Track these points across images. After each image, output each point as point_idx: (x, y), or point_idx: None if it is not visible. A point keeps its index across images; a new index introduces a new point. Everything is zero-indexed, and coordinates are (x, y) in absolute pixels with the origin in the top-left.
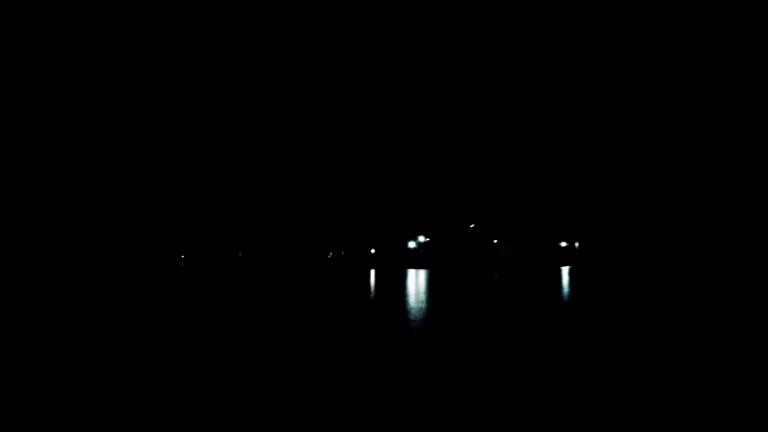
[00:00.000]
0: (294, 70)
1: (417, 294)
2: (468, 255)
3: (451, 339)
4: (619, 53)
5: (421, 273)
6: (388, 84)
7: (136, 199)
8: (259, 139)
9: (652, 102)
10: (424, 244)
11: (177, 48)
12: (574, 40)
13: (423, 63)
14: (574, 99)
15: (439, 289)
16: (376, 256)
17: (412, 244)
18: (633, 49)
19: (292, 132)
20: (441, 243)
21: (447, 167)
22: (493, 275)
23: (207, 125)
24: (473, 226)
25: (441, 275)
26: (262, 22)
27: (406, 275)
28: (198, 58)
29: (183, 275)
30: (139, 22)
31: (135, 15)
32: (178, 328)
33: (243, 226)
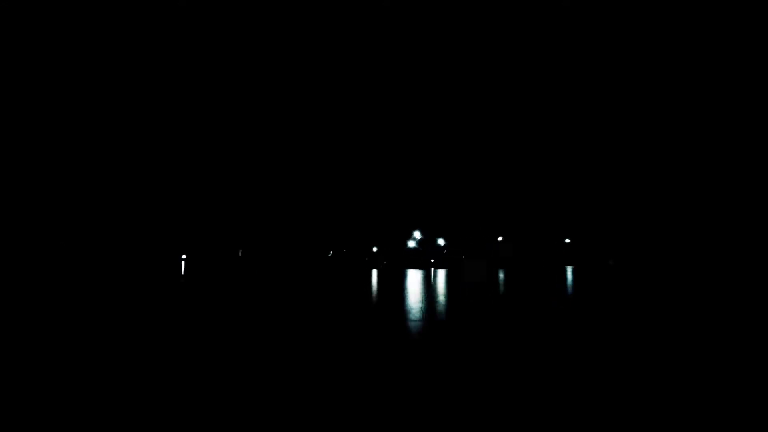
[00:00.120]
0: (294, 70)
1: (419, 298)
2: (470, 254)
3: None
4: (621, 50)
5: (433, 274)
6: (390, 83)
7: (136, 198)
8: (259, 137)
9: (665, 95)
10: (424, 243)
11: (176, 47)
12: (579, 36)
13: (423, 62)
14: (580, 92)
15: (439, 292)
16: (376, 256)
17: (411, 243)
18: (636, 45)
19: (292, 131)
20: (441, 242)
21: (446, 164)
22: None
23: (206, 124)
24: (476, 225)
25: (443, 276)
26: (262, 23)
27: (409, 276)
28: (195, 58)
29: (183, 275)
30: (139, 22)
31: (135, 15)
32: (177, 327)
33: (243, 225)
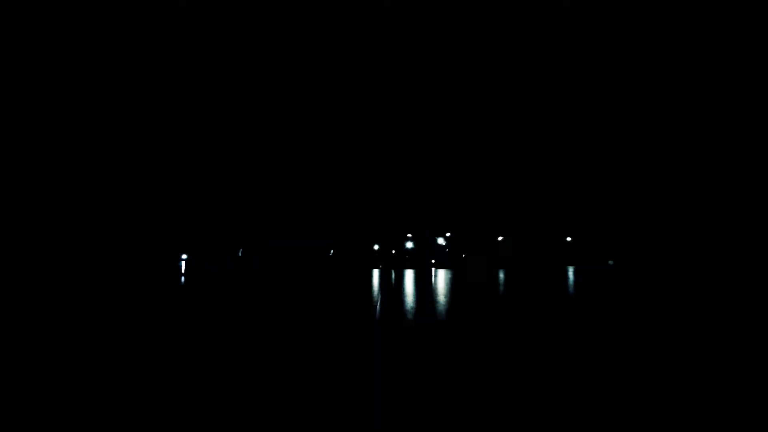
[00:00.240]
0: (293, 68)
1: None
2: (470, 253)
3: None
4: (622, 50)
5: (433, 274)
6: (391, 82)
7: (135, 197)
8: (259, 136)
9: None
10: (424, 243)
11: (172, 46)
12: (579, 36)
13: (424, 60)
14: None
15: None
16: (377, 255)
17: (410, 244)
18: (637, 45)
19: (293, 129)
20: (441, 241)
21: (446, 163)
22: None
23: (205, 123)
24: (476, 223)
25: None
26: (261, 23)
27: (409, 276)
28: (191, 57)
29: (182, 274)
30: (139, 22)
31: (135, 15)
32: (175, 327)
33: (243, 225)
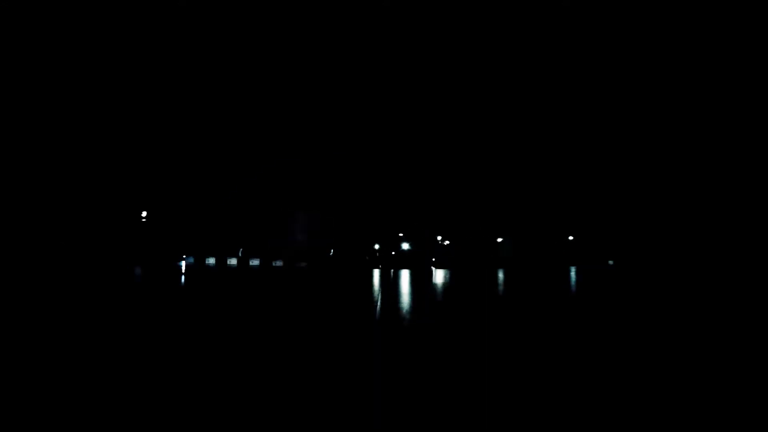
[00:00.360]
0: (293, 69)
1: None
2: (471, 253)
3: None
4: (623, 50)
5: (433, 274)
6: (393, 82)
7: (135, 197)
8: (259, 136)
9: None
10: (424, 242)
11: (173, 47)
12: (579, 36)
13: (425, 60)
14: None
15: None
16: (376, 255)
17: (408, 244)
18: (638, 45)
19: (292, 130)
20: (441, 241)
21: (447, 162)
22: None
23: (205, 124)
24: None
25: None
26: (262, 25)
27: (409, 276)
28: (192, 58)
29: (182, 274)
30: (140, 23)
31: (136, 15)
32: (175, 327)
33: (244, 224)
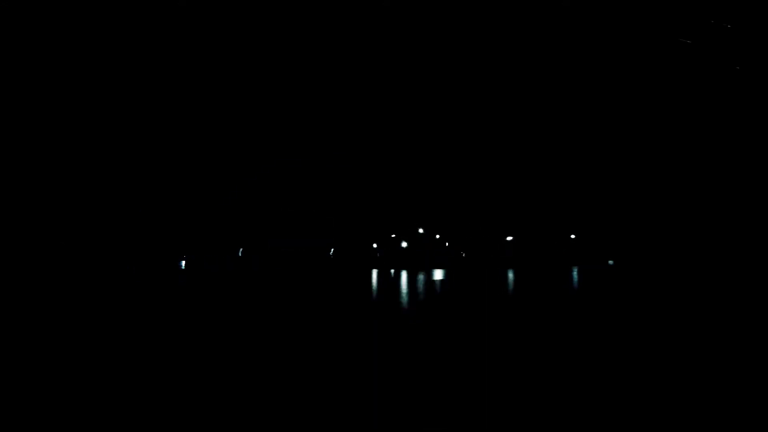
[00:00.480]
0: (293, 69)
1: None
2: (471, 252)
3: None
4: (625, 50)
5: (432, 274)
6: (394, 79)
7: (135, 197)
8: (259, 136)
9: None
10: (424, 242)
11: (172, 45)
12: (579, 36)
13: (426, 57)
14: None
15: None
16: (376, 254)
17: (407, 243)
18: (640, 45)
19: (292, 130)
20: (441, 240)
21: (447, 159)
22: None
23: (205, 123)
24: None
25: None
26: (261, 22)
27: (408, 276)
28: (191, 56)
29: (182, 274)
30: (139, 21)
31: (134, 14)
32: (174, 327)
33: (243, 225)
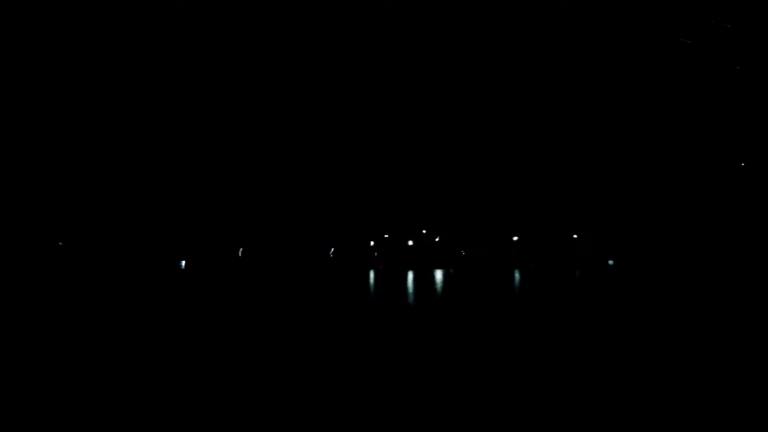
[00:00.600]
0: (293, 70)
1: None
2: (472, 252)
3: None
4: (627, 50)
5: (433, 274)
6: (393, 76)
7: (134, 197)
8: (259, 136)
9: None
10: (424, 242)
11: (171, 44)
12: (580, 36)
13: (427, 55)
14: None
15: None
16: (376, 254)
17: (410, 242)
18: (642, 44)
19: (292, 130)
20: (442, 240)
21: (449, 157)
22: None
23: (205, 123)
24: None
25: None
26: (261, 23)
27: (407, 277)
28: (190, 56)
29: (182, 274)
30: (138, 20)
31: (134, 13)
32: (174, 327)
33: (243, 225)
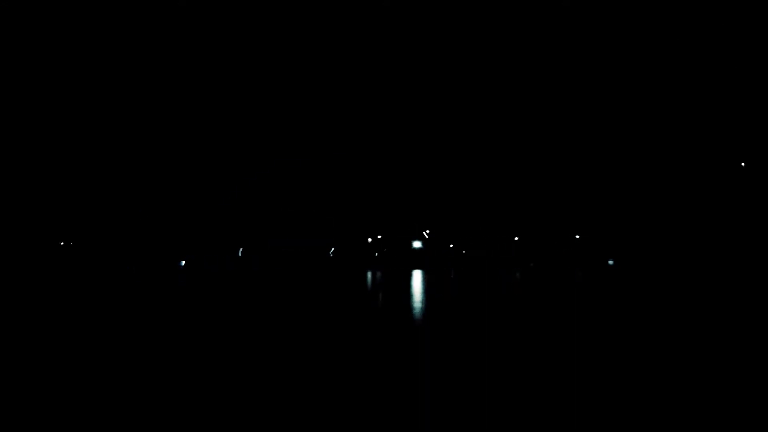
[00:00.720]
0: (292, 71)
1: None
2: (472, 253)
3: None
4: (628, 50)
5: (433, 274)
6: (395, 78)
7: (135, 198)
8: (259, 136)
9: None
10: (425, 242)
11: (174, 47)
12: (581, 36)
13: (429, 58)
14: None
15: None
16: (376, 255)
17: (417, 244)
18: (644, 45)
19: (292, 130)
20: (443, 241)
21: (450, 161)
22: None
23: (206, 124)
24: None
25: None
26: (262, 22)
27: (405, 277)
28: (192, 58)
29: (182, 274)
30: (140, 22)
31: (136, 15)
32: (173, 327)
33: (243, 225)
